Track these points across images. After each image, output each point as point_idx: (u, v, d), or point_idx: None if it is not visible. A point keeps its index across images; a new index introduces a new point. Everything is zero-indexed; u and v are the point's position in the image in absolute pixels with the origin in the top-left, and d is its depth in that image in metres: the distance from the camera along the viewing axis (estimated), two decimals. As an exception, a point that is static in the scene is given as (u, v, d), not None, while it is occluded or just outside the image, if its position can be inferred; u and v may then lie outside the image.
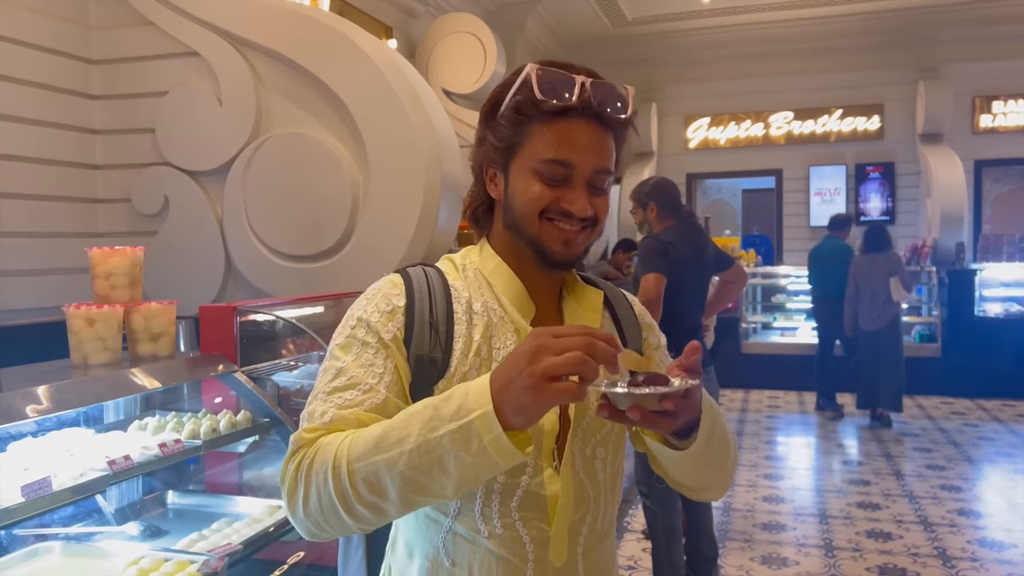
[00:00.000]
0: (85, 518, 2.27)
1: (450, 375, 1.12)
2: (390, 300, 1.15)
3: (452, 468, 0.94)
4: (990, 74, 9.59)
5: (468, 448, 0.92)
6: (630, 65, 10.11)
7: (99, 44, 3.84)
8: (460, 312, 1.16)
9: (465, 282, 1.20)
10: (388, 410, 1.07)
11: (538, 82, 1.12)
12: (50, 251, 3.63)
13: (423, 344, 1.13)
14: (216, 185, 3.66)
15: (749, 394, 8.61)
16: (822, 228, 10.22)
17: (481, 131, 1.22)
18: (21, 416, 1.81)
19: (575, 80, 1.12)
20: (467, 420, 0.92)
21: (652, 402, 0.94)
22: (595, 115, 1.13)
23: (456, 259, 1.25)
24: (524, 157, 1.15)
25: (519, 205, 1.16)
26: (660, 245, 3.74)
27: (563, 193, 1.14)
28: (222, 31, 3.59)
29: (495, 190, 1.21)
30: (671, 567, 3.52)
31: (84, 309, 2.26)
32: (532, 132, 1.14)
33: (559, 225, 1.14)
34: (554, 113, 1.12)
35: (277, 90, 3.60)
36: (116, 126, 3.85)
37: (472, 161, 1.25)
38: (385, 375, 1.10)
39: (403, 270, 1.21)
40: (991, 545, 4.32)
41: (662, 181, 4.11)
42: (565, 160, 1.13)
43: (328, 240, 3.49)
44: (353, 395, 1.08)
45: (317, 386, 1.11)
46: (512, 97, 1.15)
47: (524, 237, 1.17)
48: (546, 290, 1.23)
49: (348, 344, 1.13)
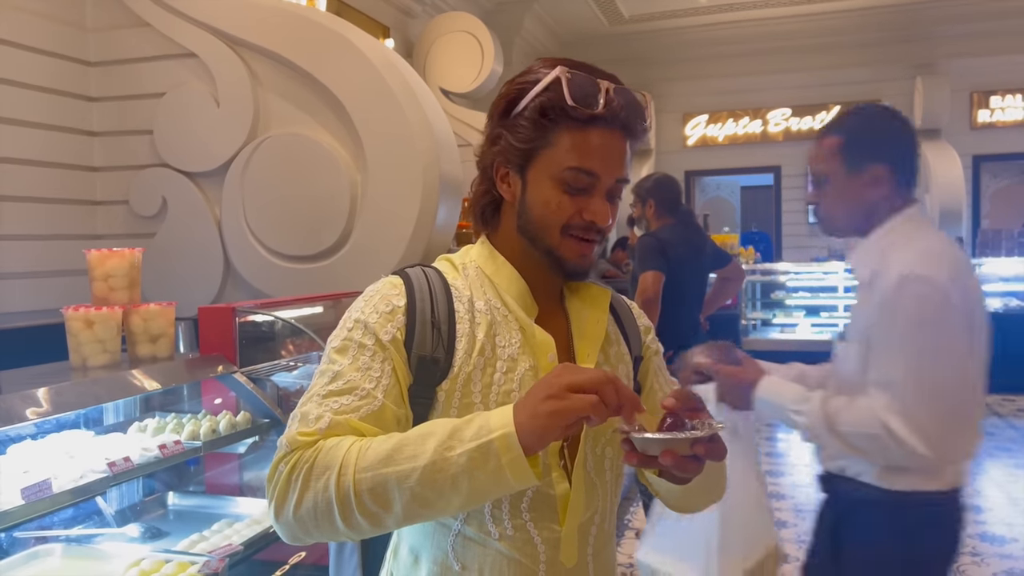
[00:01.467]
0: (85, 520, 2.27)
1: (454, 375, 1.10)
2: (389, 300, 1.13)
3: (464, 486, 0.95)
4: (988, 69, 9.58)
5: (485, 467, 0.94)
6: (628, 63, 10.09)
7: (96, 46, 3.83)
8: (462, 311, 1.14)
9: (466, 281, 1.18)
10: (385, 418, 1.06)
11: (569, 88, 1.09)
12: (48, 253, 3.62)
13: (425, 344, 1.10)
14: (214, 186, 3.66)
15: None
16: (821, 224, 10.23)
17: (495, 128, 1.18)
18: (21, 418, 1.81)
19: (601, 87, 1.10)
20: (487, 440, 0.94)
21: (684, 447, 0.96)
22: (621, 124, 1.12)
23: (454, 259, 1.23)
24: (546, 162, 1.13)
25: (540, 215, 1.14)
26: (658, 243, 3.75)
27: (585, 203, 1.13)
28: (219, 32, 3.58)
29: (508, 191, 1.18)
30: (672, 564, 3.51)
31: (83, 311, 2.26)
32: (557, 137, 1.12)
33: (579, 238, 1.14)
34: (582, 120, 1.10)
35: (274, 90, 3.60)
36: (114, 128, 3.85)
37: (481, 157, 1.21)
38: (382, 379, 1.07)
39: (401, 271, 1.19)
40: (992, 539, 4.32)
41: (664, 178, 4.11)
42: (591, 170, 1.11)
43: (327, 240, 3.48)
44: (349, 400, 1.05)
45: (312, 388, 1.09)
46: (536, 98, 1.12)
47: (540, 246, 1.15)
48: (549, 289, 1.21)
49: (345, 347, 1.10)
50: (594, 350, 1.19)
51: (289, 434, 1.04)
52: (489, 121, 1.20)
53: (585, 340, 1.19)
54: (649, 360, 1.32)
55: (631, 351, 1.28)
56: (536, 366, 1.13)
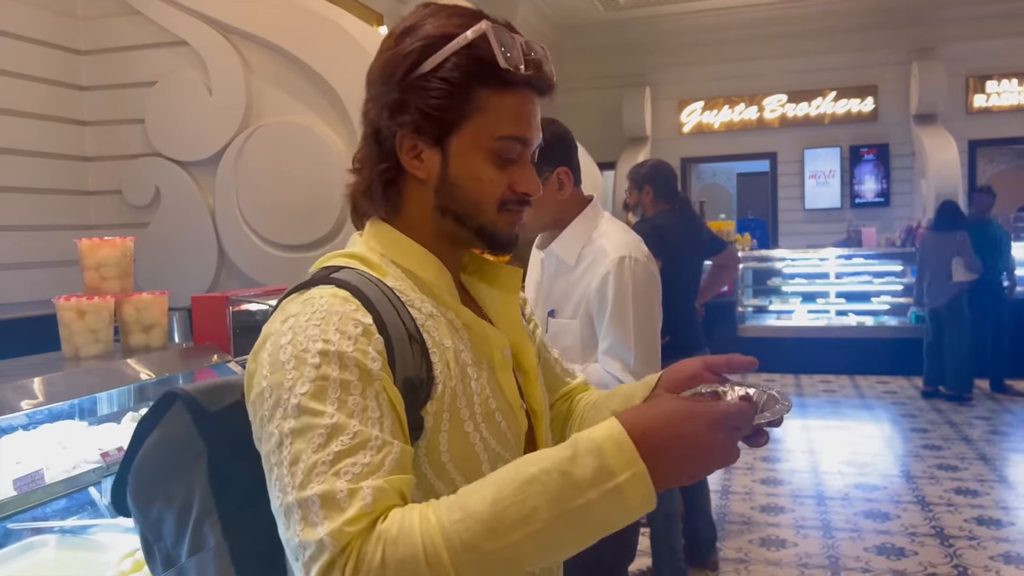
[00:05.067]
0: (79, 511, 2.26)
1: (439, 394, 0.95)
2: (354, 319, 0.90)
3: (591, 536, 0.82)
4: (984, 53, 9.56)
5: (612, 512, 0.80)
6: (623, 50, 10.07)
7: (86, 34, 3.80)
8: (420, 318, 0.97)
9: (400, 282, 1.00)
10: (407, 463, 0.85)
11: (500, 46, 0.96)
12: (40, 244, 3.60)
13: (407, 364, 0.92)
14: (207, 175, 3.64)
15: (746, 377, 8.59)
16: (817, 211, 10.25)
17: (396, 93, 0.99)
18: (12, 409, 1.80)
19: (517, 41, 0.99)
20: (613, 484, 0.79)
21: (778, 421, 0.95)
22: (547, 85, 1.02)
23: (366, 255, 1.02)
24: (471, 133, 0.98)
25: (470, 192, 1.00)
26: (654, 230, 3.73)
27: (515, 174, 1.01)
28: (210, 19, 3.56)
29: (421, 168, 1.01)
30: (670, 551, 3.53)
31: (74, 301, 2.24)
32: (482, 103, 0.98)
33: (515, 210, 1.03)
34: (511, 83, 0.98)
35: (267, 78, 3.57)
36: (105, 117, 3.82)
37: (370, 126, 1.04)
38: (384, 418, 0.85)
39: (332, 279, 0.96)
40: (988, 523, 4.34)
41: (660, 164, 4.10)
42: (524, 137, 1.00)
43: (321, 229, 3.47)
44: (368, 458, 0.81)
45: (301, 456, 0.81)
46: (453, 56, 0.96)
47: (472, 225, 1.02)
48: (453, 272, 1.08)
49: (321, 390, 0.84)
50: (524, 336, 1.12)
51: (330, 528, 0.77)
52: (380, 85, 1.02)
53: (511, 327, 1.10)
54: (534, 332, 1.24)
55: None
56: (492, 366, 1.03)
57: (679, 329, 3.59)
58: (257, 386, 0.89)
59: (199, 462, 1.02)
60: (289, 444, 0.83)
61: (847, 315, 8.80)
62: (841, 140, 10.15)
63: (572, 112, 10.28)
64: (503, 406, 1.02)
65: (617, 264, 2.08)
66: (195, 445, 1.03)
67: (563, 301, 2.20)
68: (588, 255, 2.16)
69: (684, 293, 3.84)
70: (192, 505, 1.02)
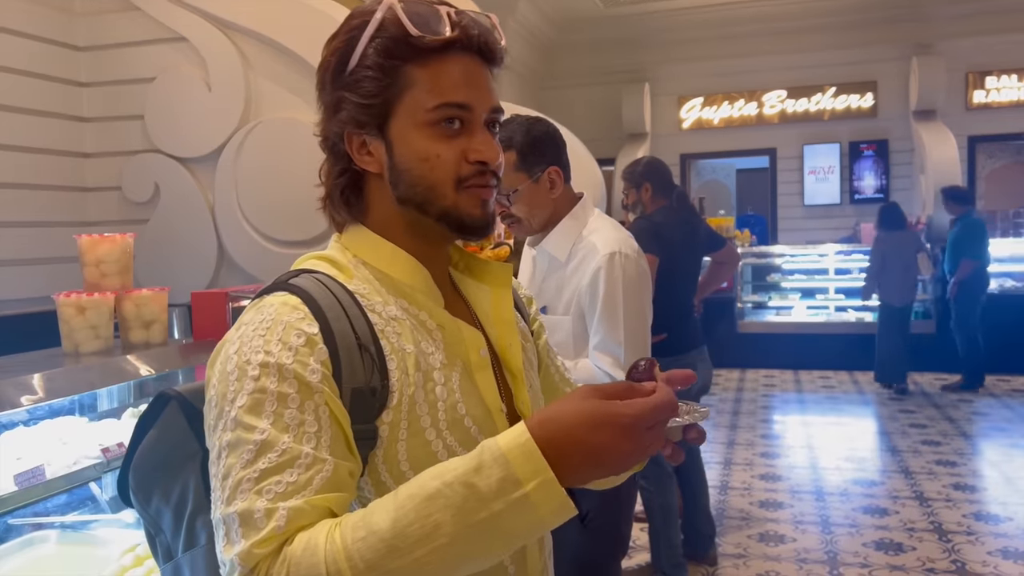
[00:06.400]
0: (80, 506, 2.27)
1: (395, 403, 0.91)
2: (298, 329, 0.88)
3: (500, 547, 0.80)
4: (983, 49, 9.55)
5: (521, 522, 0.77)
6: (623, 46, 10.05)
7: (85, 30, 3.80)
8: (380, 323, 0.94)
9: (367, 284, 0.98)
10: (341, 480, 0.84)
11: (408, 16, 0.93)
12: (40, 240, 3.61)
13: (355, 375, 0.89)
14: (207, 171, 3.64)
15: (745, 373, 8.63)
16: (816, 207, 10.25)
17: (332, 94, 0.99)
18: (13, 405, 1.80)
19: (441, 11, 0.96)
20: (520, 494, 0.76)
21: (677, 434, 0.91)
22: (476, 48, 0.97)
23: (335, 257, 1.01)
24: (407, 111, 0.96)
25: (421, 174, 0.96)
26: (653, 226, 3.74)
27: (466, 143, 0.96)
28: (209, 15, 3.56)
29: (372, 162, 0.99)
30: (669, 546, 3.54)
31: (74, 297, 2.25)
32: (410, 79, 0.95)
33: (476, 186, 0.98)
34: (432, 51, 0.95)
35: (266, 74, 3.57)
36: (104, 113, 3.82)
37: (323, 134, 1.03)
38: (322, 433, 0.84)
39: (287, 284, 0.94)
40: (986, 519, 4.35)
41: (654, 161, 4.11)
42: (461, 102, 0.95)
43: (320, 225, 3.47)
44: (294, 476, 0.81)
45: (231, 472, 0.82)
46: (371, 41, 0.95)
47: (433, 210, 0.98)
48: (440, 270, 1.05)
49: (257, 403, 0.83)
50: (514, 336, 1.07)
51: (240, 549, 0.79)
52: (321, 91, 1.02)
53: (500, 326, 1.07)
54: (539, 336, 1.21)
55: (529, 328, 1.19)
56: (468, 367, 0.99)
57: (676, 326, 3.60)
58: (207, 395, 0.90)
59: (193, 461, 1.04)
60: (225, 457, 0.83)
61: (846, 311, 8.81)
62: (841, 136, 10.14)
63: (571, 108, 10.30)
64: (476, 410, 0.98)
65: (607, 260, 2.12)
66: (190, 445, 1.05)
67: (555, 297, 2.24)
68: (579, 251, 2.20)
69: (682, 290, 3.84)
70: (187, 502, 1.04)
